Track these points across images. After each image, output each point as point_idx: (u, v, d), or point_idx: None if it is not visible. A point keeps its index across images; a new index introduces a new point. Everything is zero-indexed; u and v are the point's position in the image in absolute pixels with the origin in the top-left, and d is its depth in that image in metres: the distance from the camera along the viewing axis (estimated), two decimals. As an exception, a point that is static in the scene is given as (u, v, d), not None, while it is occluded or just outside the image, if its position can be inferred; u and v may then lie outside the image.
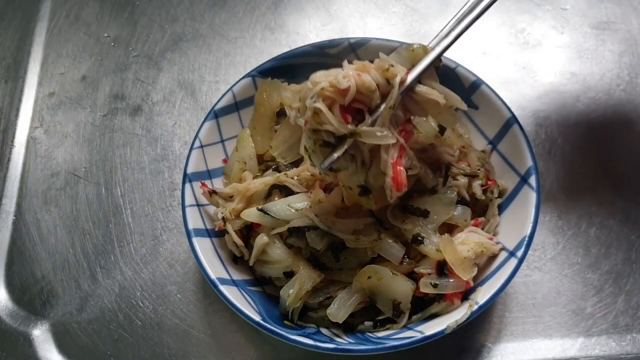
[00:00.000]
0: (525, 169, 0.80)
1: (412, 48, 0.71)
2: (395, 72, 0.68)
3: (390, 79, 0.68)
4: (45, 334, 0.86)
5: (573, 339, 0.82)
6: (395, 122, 0.70)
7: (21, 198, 0.96)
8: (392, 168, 0.69)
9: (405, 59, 0.71)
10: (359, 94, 0.67)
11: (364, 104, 0.68)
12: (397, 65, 0.69)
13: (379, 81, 0.67)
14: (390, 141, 0.68)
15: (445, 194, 0.78)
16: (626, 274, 0.86)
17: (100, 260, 0.90)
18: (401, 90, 0.68)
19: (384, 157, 0.69)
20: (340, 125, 0.67)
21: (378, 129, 0.67)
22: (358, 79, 0.66)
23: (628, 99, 1.01)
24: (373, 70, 0.68)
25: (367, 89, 0.67)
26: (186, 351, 0.83)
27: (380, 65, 0.68)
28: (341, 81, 0.66)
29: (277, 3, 1.14)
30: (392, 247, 0.75)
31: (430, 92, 0.70)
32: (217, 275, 0.75)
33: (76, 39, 1.12)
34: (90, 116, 1.04)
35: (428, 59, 0.71)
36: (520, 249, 0.75)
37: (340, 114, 0.67)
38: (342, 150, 0.68)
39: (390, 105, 0.67)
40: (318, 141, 0.70)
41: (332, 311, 0.74)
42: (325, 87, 0.66)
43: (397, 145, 0.70)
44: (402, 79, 0.68)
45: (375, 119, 0.67)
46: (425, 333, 0.71)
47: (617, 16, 1.09)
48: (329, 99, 0.67)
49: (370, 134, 0.67)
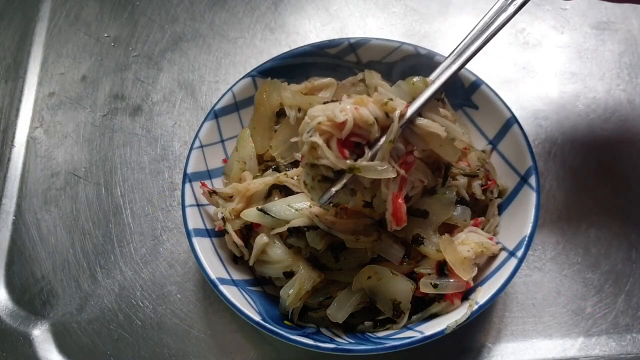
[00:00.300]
0: (525, 169, 0.80)
1: (413, 82, 0.71)
2: (394, 106, 0.67)
3: (389, 112, 0.67)
4: (45, 334, 0.86)
5: (573, 339, 0.82)
6: (396, 155, 0.69)
7: (21, 198, 0.96)
8: (392, 203, 0.69)
9: (405, 92, 0.71)
10: (357, 128, 0.66)
11: (363, 137, 0.67)
12: (397, 98, 0.68)
13: (378, 115, 0.67)
14: (390, 175, 0.67)
15: (444, 194, 0.78)
16: (626, 274, 0.86)
17: (100, 260, 0.90)
18: (401, 123, 0.67)
19: (384, 192, 0.69)
20: (338, 160, 0.66)
21: (378, 163, 0.66)
22: (355, 113, 0.66)
23: (628, 98, 1.01)
24: (371, 104, 0.67)
25: (365, 123, 0.66)
26: (186, 351, 0.83)
27: (379, 99, 0.68)
28: (338, 115, 0.65)
29: (277, 3, 1.14)
30: (392, 247, 0.75)
31: (431, 125, 0.69)
32: (217, 275, 0.75)
33: (76, 39, 1.12)
34: (90, 116, 1.04)
35: (429, 91, 0.70)
36: (520, 249, 0.75)
37: (337, 149, 0.66)
38: (341, 185, 0.67)
39: (391, 139, 0.67)
40: (316, 177, 0.69)
41: (332, 311, 0.74)
42: (323, 121, 0.66)
43: (398, 179, 0.69)
44: (402, 112, 0.67)
45: (375, 153, 0.67)
46: (425, 333, 0.71)
47: (617, 16, 1.09)
48: (326, 133, 0.66)
49: (370, 169, 0.66)
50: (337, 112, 0.66)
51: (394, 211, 0.70)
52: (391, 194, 0.69)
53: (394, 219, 0.71)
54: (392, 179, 0.68)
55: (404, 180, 0.70)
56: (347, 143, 0.67)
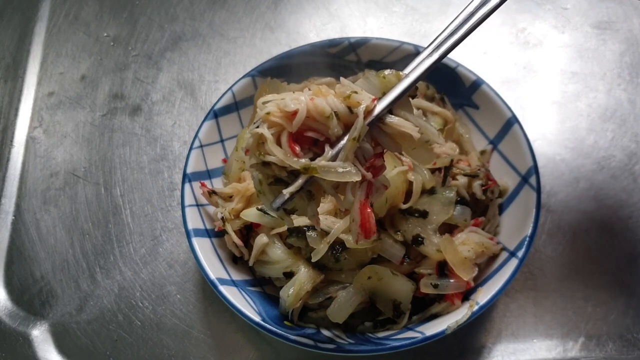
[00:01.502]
0: (526, 169, 0.80)
1: (383, 75, 0.62)
2: (359, 100, 0.59)
3: (353, 106, 0.59)
4: (45, 334, 0.85)
5: (574, 340, 0.82)
6: (362, 156, 0.60)
7: (20, 198, 0.96)
8: (359, 213, 0.61)
9: (374, 86, 0.62)
10: (311, 121, 0.58)
11: (321, 133, 0.59)
12: (363, 92, 0.60)
13: (339, 108, 0.59)
14: (354, 178, 0.58)
15: (444, 194, 0.78)
16: (627, 274, 0.86)
17: (100, 260, 0.90)
18: (368, 120, 0.59)
19: (349, 199, 0.61)
20: (287, 158, 0.58)
21: (340, 164, 0.58)
22: (310, 103, 0.58)
23: (629, 98, 1.01)
24: (332, 96, 0.59)
25: (320, 115, 0.58)
26: (186, 352, 0.83)
27: (341, 92, 0.60)
28: (289, 104, 0.58)
29: (277, 2, 1.14)
30: (393, 247, 0.75)
31: (402, 124, 0.61)
32: (217, 276, 0.75)
33: (75, 39, 1.11)
34: (90, 116, 1.03)
35: (401, 86, 0.61)
36: (521, 249, 0.74)
37: (288, 144, 0.58)
38: (296, 187, 0.58)
39: (354, 137, 0.58)
40: (268, 178, 0.61)
41: (332, 311, 0.74)
42: (272, 111, 0.58)
43: (365, 184, 0.60)
44: (368, 107, 0.59)
45: (338, 153, 0.59)
46: (426, 333, 0.71)
47: (618, 16, 1.09)
48: (277, 125, 0.59)
49: (329, 170, 0.58)
50: (288, 101, 0.58)
51: (362, 222, 0.61)
52: (358, 202, 0.60)
53: (362, 231, 0.61)
54: (359, 184, 0.60)
55: (371, 185, 0.61)
56: (302, 139, 0.59)
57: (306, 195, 0.61)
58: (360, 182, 0.60)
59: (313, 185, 0.60)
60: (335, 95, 0.60)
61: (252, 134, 0.59)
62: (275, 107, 0.58)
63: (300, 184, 0.58)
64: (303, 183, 0.58)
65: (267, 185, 0.61)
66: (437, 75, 0.87)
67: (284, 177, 0.60)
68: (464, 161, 0.84)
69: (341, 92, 0.60)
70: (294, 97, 0.58)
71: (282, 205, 0.60)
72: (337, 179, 0.58)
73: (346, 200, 0.61)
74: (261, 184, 0.61)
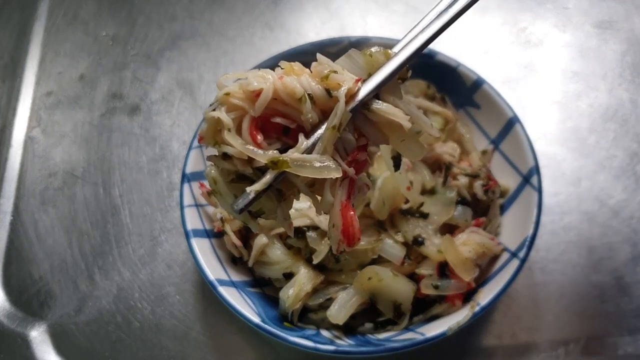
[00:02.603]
0: (527, 169, 0.79)
1: (370, 52, 0.52)
2: (339, 81, 0.50)
3: (333, 89, 0.50)
4: (43, 335, 0.85)
5: (575, 341, 0.81)
6: (343, 148, 0.51)
7: (19, 198, 0.96)
8: (341, 216, 0.51)
9: (359, 65, 0.52)
10: (280, 104, 0.49)
11: (292, 119, 0.49)
12: (345, 71, 0.51)
13: (315, 91, 0.49)
14: (333, 174, 0.49)
15: (444, 194, 0.78)
16: (629, 275, 0.85)
17: (98, 261, 0.90)
18: (351, 106, 0.50)
19: (328, 199, 0.50)
20: (248, 149, 0.48)
21: (316, 157, 0.49)
22: (278, 82, 0.49)
23: (630, 98, 1.00)
24: (306, 76, 0.50)
25: (290, 97, 0.49)
26: (185, 353, 0.82)
27: (318, 71, 0.50)
28: (251, 81, 0.48)
29: (276, 1, 1.14)
30: (393, 248, 0.75)
31: (391, 111, 0.51)
32: (216, 277, 0.74)
33: (74, 38, 1.11)
34: (88, 116, 1.03)
35: (390, 66, 0.52)
36: (523, 249, 0.74)
37: (249, 132, 0.48)
38: (263, 185, 0.48)
39: (334, 126, 0.49)
40: (229, 174, 0.51)
41: (332, 312, 0.73)
42: (233, 91, 0.49)
43: (346, 182, 0.51)
44: (351, 90, 0.50)
45: (314, 144, 0.49)
46: (427, 335, 0.70)
47: (619, 15, 1.09)
48: (238, 109, 0.49)
49: (304, 164, 0.48)
50: (252, 78, 0.49)
51: (345, 226, 0.51)
52: (339, 203, 0.51)
53: (344, 237, 0.51)
54: (340, 182, 0.51)
55: (353, 183, 0.52)
56: (270, 127, 0.49)
57: (275, 195, 0.51)
58: (342, 180, 0.51)
59: (284, 182, 0.50)
60: (310, 75, 0.50)
61: (207, 118, 0.49)
62: (237, 87, 0.49)
63: (269, 181, 0.48)
64: (272, 180, 0.48)
65: (226, 184, 0.51)
66: (437, 74, 0.86)
67: (248, 174, 0.50)
68: (465, 161, 0.84)
69: (318, 72, 0.50)
70: (259, 75, 0.49)
71: (245, 206, 0.49)
72: (313, 175, 0.49)
73: (324, 201, 0.51)
74: (216, 183, 0.51)
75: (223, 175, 0.51)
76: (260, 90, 0.48)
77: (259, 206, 0.52)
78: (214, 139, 0.49)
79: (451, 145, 0.84)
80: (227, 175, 0.51)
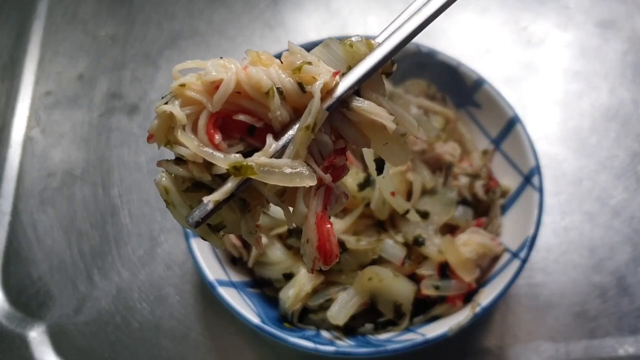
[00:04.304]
0: (528, 168, 0.79)
1: (350, 42, 0.46)
2: (314, 73, 0.43)
3: (306, 83, 0.43)
4: (42, 335, 0.85)
5: (577, 341, 0.81)
6: (318, 152, 0.45)
7: (17, 198, 0.95)
8: (316, 230, 0.44)
9: (337, 57, 0.46)
10: (244, 99, 0.42)
11: (257, 117, 0.43)
12: (321, 63, 0.44)
13: (285, 84, 0.43)
14: (307, 182, 0.42)
15: (445, 194, 0.78)
16: (630, 275, 0.85)
17: (98, 261, 0.89)
18: (328, 103, 0.43)
19: (301, 211, 0.44)
20: (204, 152, 0.41)
21: (287, 162, 0.42)
22: (242, 73, 0.42)
23: (632, 97, 1.00)
24: (275, 67, 0.44)
25: (255, 90, 0.42)
26: (184, 354, 0.82)
27: (289, 62, 0.44)
28: (210, 71, 0.42)
29: (276, 0, 1.13)
30: (394, 248, 0.74)
31: (373, 110, 0.45)
32: (216, 277, 0.74)
33: (73, 37, 1.10)
34: (87, 115, 1.02)
35: (373, 58, 0.45)
36: (524, 250, 0.74)
37: (205, 130, 0.42)
38: (223, 195, 0.41)
39: (307, 125, 0.42)
40: (183, 181, 0.44)
41: (332, 313, 0.73)
42: (190, 82, 0.42)
43: (322, 190, 0.44)
44: (328, 85, 0.43)
45: (285, 147, 0.43)
46: (427, 335, 0.70)
47: (620, 14, 1.08)
48: (195, 103, 0.42)
49: (271, 170, 0.42)
50: (211, 67, 0.42)
51: (321, 242, 0.44)
52: (313, 215, 0.44)
53: (319, 254, 0.44)
54: (315, 191, 0.44)
55: (330, 192, 0.45)
56: (233, 125, 0.43)
57: (238, 206, 0.45)
58: (317, 188, 0.44)
59: (248, 191, 0.44)
60: (281, 66, 0.44)
61: (158, 112, 0.42)
62: (195, 78, 0.42)
63: (230, 190, 0.41)
64: (234, 188, 0.42)
65: (179, 193, 0.43)
66: (438, 74, 0.86)
67: (207, 181, 0.43)
68: (465, 161, 0.83)
69: (289, 62, 0.44)
70: (220, 64, 0.42)
71: (202, 219, 0.42)
72: (282, 183, 0.42)
73: (297, 213, 0.44)
74: (167, 192, 0.43)
75: (176, 183, 0.44)
76: (220, 81, 0.41)
77: (219, 219, 0.45)
78: (166, 138, 0.43)
79: (452, 145, 0.84)
80: (182, 183, 0.43)
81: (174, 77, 0.43)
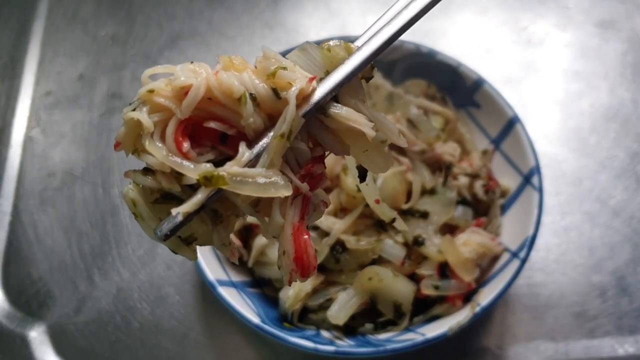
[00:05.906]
0: (528, 169, 0.79)
1: (328, 47, 0.44)
2: (289, 79, 0.42)
3: (281, 89, 0.42)
4: (42, 335, 0.85)
5: (576, 341, 0.81)
6: (295, 160, 0.43)
7: (18, 198, 0.95)
8: (293, 241, 0.42)
9: (315, 62, 0.44)
10: (216, 106, 0.41)
11: (230, 124, 0.41)
12: (297, 68, 0.43)
13: (258, 90, 0.41)
14: (283, 192, 0.41)
15: (444, 194, 0.78)
16: (630, 275, 0.85)
17: (98, 261, 0.89)
18: (304, 110, 0.42)
19: (277, 221, 0.42)
20: (172, 161, 0.40)
21: (261, 171, 0.41)
22: (212, 78, 0.41)
23: (632, 97, 1.00)
24: (248, 72, 0.42)
25: (226, 96, 0.41)
26: (184, 353, 0.82)
27: (264, 67, 0.42)
28: (178, 76, 0.41)
29: (276, 0, 1.13)
30: (394, 248, 0.74)
31: (352, 116, 0.43)
32: (216, 277, 0.74)
33: (73, 37, 1.10)
34: (88, 115, 1.02)
35: (351, 63, 0.44)
36: (523, 249, 0.74)
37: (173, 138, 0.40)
38: (193, 207, 0.40)
39: (282, 133, 0.41)
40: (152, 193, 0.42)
41: (332, 313, 0.73)
42: (158, 87, 0.41)
43: (299, 200, 0.43)
44: (304, 91, 0.42)
45: (259, 155, 0.41)
46: (427, 335, 0.70)
47: (620, 14, 1.08)
48: (164, 110, 0.41)
49: (244, 180, 0.40)
50: (180, 72, 0.41)
51: (297, 254, 0.43)
52: (290, 226, 0.43)
53: (297, 267, 0.43)
54: (292, 201, 0.43)
55: (307, 202, 0.43)
56: (203, 133, 0.41)
57: (210, 217, 0.43)
58: (293, 198, 0.43)
59: (221, 202, 0.42)
60: (254, 71, 0.42)
61: (125, 119, 0.41)
62: (164, 84, 0.41)
63: (200, 201, 0.40)
64: (204, 199, 0.40)
65: (148, 205, 0.42)
66: (438, 74, 0.86)
67: (176, 192, 0.41)
68: (465, 161, 0.83)
69: (263, 68, 0.42)
70: (190, 68, 0.41)
71: (171, 232, 0.40)
72: (256, 194, 0.40)
73: (272, 224, 0.42)
74: (135, 205, 0.42)
75: (145, 195, 0.42)
76: (190, 87, 0.40)
77: (190, 231, 0.43)
78: (134, 146, 0.42)
79: (451, 145, 0.84)
80: (150, 195, 0.42)
81: (144, 82, 0.42)
